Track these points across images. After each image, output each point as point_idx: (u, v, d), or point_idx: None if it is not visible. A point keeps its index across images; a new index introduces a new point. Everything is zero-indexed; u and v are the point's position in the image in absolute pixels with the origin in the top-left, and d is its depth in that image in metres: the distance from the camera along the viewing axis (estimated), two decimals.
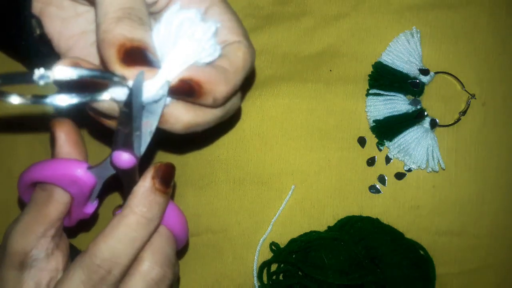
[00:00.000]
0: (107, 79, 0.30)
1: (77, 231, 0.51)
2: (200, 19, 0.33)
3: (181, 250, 0.51)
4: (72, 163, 0.35)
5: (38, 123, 0.54)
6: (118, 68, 0.30)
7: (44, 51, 0.39)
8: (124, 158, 0.31)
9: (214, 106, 0.34)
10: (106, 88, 0.32)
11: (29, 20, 0.38)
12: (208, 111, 0.34)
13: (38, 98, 0.29)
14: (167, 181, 0.34)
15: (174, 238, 0.37)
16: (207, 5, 0.36)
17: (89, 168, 0.34)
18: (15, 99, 0.29)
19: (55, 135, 0.37)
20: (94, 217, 0.40)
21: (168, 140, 0.52)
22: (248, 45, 0.36)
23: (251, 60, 0.36)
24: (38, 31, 0.38)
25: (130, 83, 0.31)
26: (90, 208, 0.37)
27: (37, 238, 0.34)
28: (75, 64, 0.32)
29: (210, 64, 0.34)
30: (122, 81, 0.30)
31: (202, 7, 0.36)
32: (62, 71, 0.28)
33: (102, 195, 0.38)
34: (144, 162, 0.33)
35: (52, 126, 0.37)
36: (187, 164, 0.52)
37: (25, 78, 0.28)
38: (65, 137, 0.37)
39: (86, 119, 0.38)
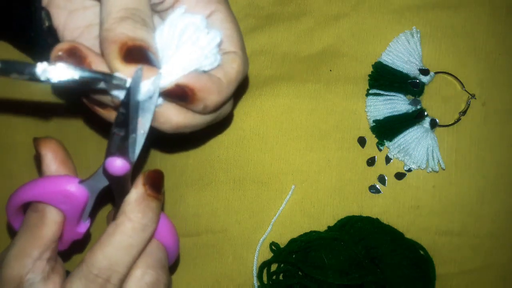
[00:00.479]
0: (107, 81, 0.30)
1: (70, 253, 0.50)
2: (205, 25, 0.33)
3: (179, 256, 0.51)
4: (63, 179, 0.34)
5: (38, 123, 0.54)
6: (119, 65, 0.30)
7: (51, 43, 0.39)
8: (118, 165, 0.30)
9: (203, 113, 0.35)
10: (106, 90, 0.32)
11: (39, 11, 0.38)
12: (197, 116, 0.35)
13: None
14: (157, 186, 0.34)
15: (165, 248, 0.37)
16: (212, 9, 0.36)
17: (81, 182, 0.34)
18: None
19: (41, 153, 0.36)
20: (86, 237, 0.39)
21: (168, 140, 0.52)
22: (243, 57, 0.37)
23: (244, 73, 0.37)
24: (47, 23, 0.38)
25: (129, 81, 0.31)
26: (83, 227, 0.37)
27: (32, 261, 0.33)
28: (74, 48, 0.32)
29: (206, 72, 0.34)
30: (122, 83, 0.30)
31: (207, 11, 0.36)
32: (64, 70, 0.28)
33: (93, 214, 0.37)
34: (137, 168, 0.33)
35: (37, 145, 0.36)
36: (187, 164, 0.52)
37: (27, 70, 0.28)
38: (52, 155, 0.36)
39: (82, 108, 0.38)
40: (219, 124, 0.42)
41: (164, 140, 0.52)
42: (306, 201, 0.50)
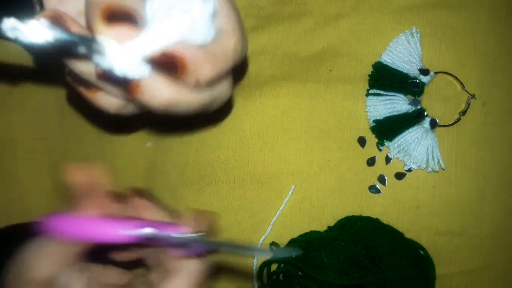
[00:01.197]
0: (86, 45, 0.28)
1: None
2: None
3: None
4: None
5: (36, 120, 0.54)
6: (101, 26, 0.28)
7: None
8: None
9: (195, 88, 0.32)
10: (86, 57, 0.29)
11: None
12: (191, 92, 0.32)
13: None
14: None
15: None
16: None
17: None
18: None
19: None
20: None
21: (168, 140, 0.52)
22: (242, 36, 0.35)
23: (242, 51, 0.35)
24: (38, 9, 0.38)
25: (109, 48, 0.28)
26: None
27: (63, 265, 0.33)
28: (58, 17, 0.30)
29: (200, 45, 0.32)
30: (101, 48, 0.28)
31: None
32: (37, 31, 0.25)
33: None
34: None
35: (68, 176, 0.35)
36: (187, 164, 0.52)
37: None
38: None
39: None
40: (218, 112, 0.39)
41: (165, 140, 0.52)
42: (306, 201, 0.50)
